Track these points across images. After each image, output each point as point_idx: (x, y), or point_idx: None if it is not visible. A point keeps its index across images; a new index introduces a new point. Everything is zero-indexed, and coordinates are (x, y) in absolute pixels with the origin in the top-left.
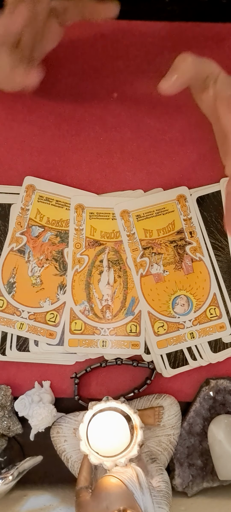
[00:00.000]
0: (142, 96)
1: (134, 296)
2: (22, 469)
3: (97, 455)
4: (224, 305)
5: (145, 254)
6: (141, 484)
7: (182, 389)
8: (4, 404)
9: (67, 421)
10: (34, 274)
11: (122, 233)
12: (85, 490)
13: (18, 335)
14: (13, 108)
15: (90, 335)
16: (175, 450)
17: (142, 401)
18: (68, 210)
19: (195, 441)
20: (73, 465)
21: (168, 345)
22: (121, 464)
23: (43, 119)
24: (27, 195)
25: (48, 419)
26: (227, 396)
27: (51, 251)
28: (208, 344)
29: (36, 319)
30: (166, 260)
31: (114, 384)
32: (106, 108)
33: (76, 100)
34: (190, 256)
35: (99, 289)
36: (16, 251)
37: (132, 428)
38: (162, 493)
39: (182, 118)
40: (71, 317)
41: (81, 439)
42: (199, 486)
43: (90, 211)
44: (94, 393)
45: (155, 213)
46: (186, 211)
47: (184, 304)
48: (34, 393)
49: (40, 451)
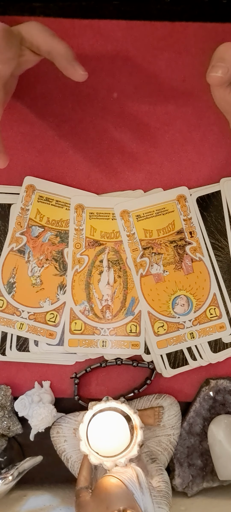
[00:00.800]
0: (142, 96)
1: (134, 296)
2: (22, 469)
3: (97, 455)
4: (224, 305)
5: (145, 254)
6: (141, 484)
7: (182, 389)
8: (4, 404)
9: (67, 421)
10: (34, 274)
11: (121, 233)
12: (85, 490)
13: (18, 335)
14: (13, 108)
15: (90, 335)
16: (175, 450)
17: (142, 401)
18: (68, 210)
19: (195, 441)
20: (73, 465)
21: (168, 345)
22: (121, 464)
23: (43, 119)
24: (27, 195)
25: (48, 419)
26: (227, 396)
27: (51, 251)
28: (208, 344)
29: (36, 319)
30: (166, 260)
31: (114, 384)
32: (106, 108)
33: (76, 100)
34: (190, 256)
35: (99, 289)
36: (16, 251)
37: (132, 428)
38: (162, 493)
39: (182, 118)
40: (71, 317)
41: (81, 439)
42: (199, 486)
43: (90, 211)
44: (94, 393)
45: (155, 213)
46: (186, 211)
47: (184, 304)
48: (34, 393)
49: (40, 451)
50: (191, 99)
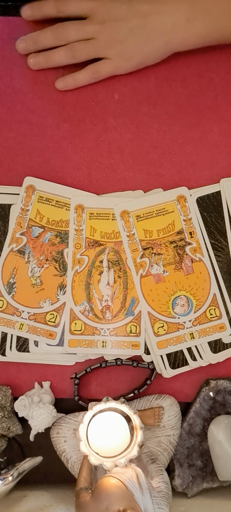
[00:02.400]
0: (142, 97)
1: (134, 296)
2: (22, 469)
3: (97, 456)
4: (224, 306)
5: (145, 254)
6: (140, 484)
7: (182, 390)
8: (4, 404)
9: (67, 422)
10: (34, 275)
11: (121, 234)
12: (85, 490)
13: (18, 335)
14: (13, 109)
15: (90, 336)
16: (175, 450)
17: (142, 402)
18: (68, 210)
19: (195, 441)
20: (73, 466)
21: (168, 345)
22: (121, 465)
23: (43, 119)
24: (27, 196)
25: (48, 419)
26: (227, 396)
27: (51, 252)
28: (208, 345)
29: (36, 319)
30: (166, 260)
31: (114, 385)
32: (106, 108)
33: (76, 100)
34: (190, 257)
35: (99, 290)
36: (16, 252)
37: (132, 428)
38: (162, 493)
39: (182, 119)
40: (71, 317)
41: (81, 439)
42: (199, 486)
43: (90, 211)
44: (94, 393)
45: (155, 214)
46: (186, 212)
47: (184, 305)
48: (34, 393)
49: (40, 451)
50: (191, 99)
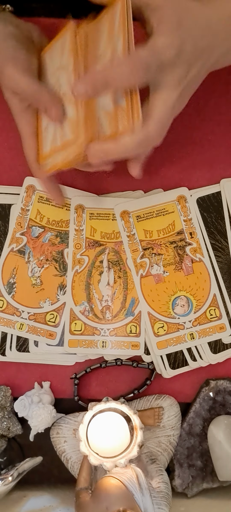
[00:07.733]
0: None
1: (134, 296)
2: (22, 470)
3: (97, 456)
4: (224, 306)
5: (145, 254)
6: (140, 485)
7: (182, 390)
8: (3, 404)
9: (67, 422)
10: (34, 275)
11: (122, 234)
12: (85, 491)
13: (18, 335)
14: None
15: (90, 336)
16: (175, 451)
17: (142, 402)
18: (68, 210)
19: (195, 442)
20: (73, 466)
21: (168, 346)
22: (121, 465)
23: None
24: (27, 196)
25: (48, 419)
26: (227, 396)
27: (51, 252)
28: (208, 345)
29: (36, 319)
30: (166, 261)
31: (114, 385)
32: None
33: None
34: (190, 257)
35: (99, 290)
36: (16, 252)
37: (132, 429)
38: (162, 494)
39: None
40: (71, 317)
41: (81, 440)
42: (198, 487)
43: (91, 211)
44: (94, 393)
45: (155, 214)
46: (186, 212)
47: (184, 305)
48: (34, 393)
49: (40, 452)
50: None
